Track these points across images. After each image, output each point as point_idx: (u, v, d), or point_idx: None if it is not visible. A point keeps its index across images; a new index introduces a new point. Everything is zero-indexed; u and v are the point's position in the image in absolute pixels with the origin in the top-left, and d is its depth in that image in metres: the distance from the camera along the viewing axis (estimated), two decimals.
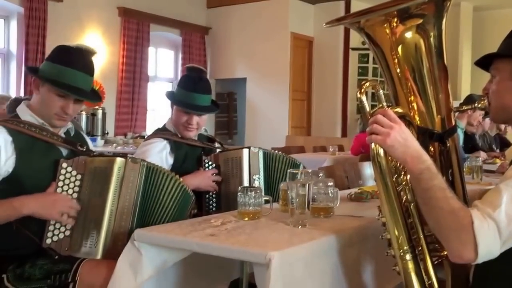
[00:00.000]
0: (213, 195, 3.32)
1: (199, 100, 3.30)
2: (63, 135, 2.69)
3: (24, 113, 2.63)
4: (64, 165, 2.52)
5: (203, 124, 3.44)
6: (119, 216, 2.52)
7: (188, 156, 3.33)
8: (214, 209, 3.29)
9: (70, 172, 2.52)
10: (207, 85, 3.43)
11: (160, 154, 3.21)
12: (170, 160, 3.26)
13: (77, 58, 2.63)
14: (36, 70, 2.68)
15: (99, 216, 2.49)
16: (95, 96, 2.84)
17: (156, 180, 2.66)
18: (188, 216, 2.78)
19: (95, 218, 2.49)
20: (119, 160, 2.55)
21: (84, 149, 2.65)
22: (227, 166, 3.32)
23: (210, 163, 3.34)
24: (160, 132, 3.39)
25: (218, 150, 3.45)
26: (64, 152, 2.62)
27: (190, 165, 3.30)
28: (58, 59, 2.62)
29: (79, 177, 2.52)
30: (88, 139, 2.96)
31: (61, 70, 2.57)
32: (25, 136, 2.51)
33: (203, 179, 3.23)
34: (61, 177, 2.51)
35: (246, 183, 3.26)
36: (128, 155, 2.66)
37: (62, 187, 2.50)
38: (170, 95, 3.41)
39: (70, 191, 2.51)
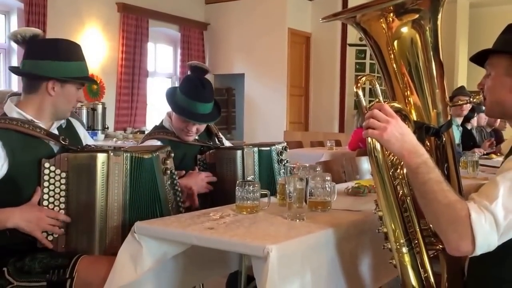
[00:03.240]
0: (209, 194, 3.26)
1: (201, 109, 3.22)
2: (56, 129, 2.66)
3: (10, 110, 2.58)
4: (47, 164, 2.46)
5: (203, 128, 3.40)
6: (111, 210, 2.49)
7: (186, 155, 3.29)
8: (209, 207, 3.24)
9: (54, 171, 2.47)
10: (210, 91, 3.31)
11: None
12: None
13: (74, 49, 2.66)
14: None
15: (90, 212, 2.45)
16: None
17: (142, 167, 2.63)
18: (163, 174, 2.75)
19: (86, 215, 2.46)
20: (101, 155, 2.48)
21: (67, 143, 2.58)
22: (221, 166, 3.28)
23: (204, 161, 3.32)
24: (157, 131, 3.35)
25: (216, 147, 3.43)
26: (55, 148, 2.58)
27: (189, 164, 3.28)
28: (58, 55, 2.58)
29: (63, 175, 2.47)
30: (81, 129, 2.92)
31: (67, 65, 2.58)
32: (14, 135, 2.47)
33: (196, 182, 3.16)
34: (46, 177, 2.46)
35: None
36: (110, 149, 2.58)
37: (48, 187, 2.46)
38: (171, 99, 3.30)
39: (57, 190, 2.47)
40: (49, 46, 2.64)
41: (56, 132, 2.65)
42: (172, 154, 2.81)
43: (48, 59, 2.57)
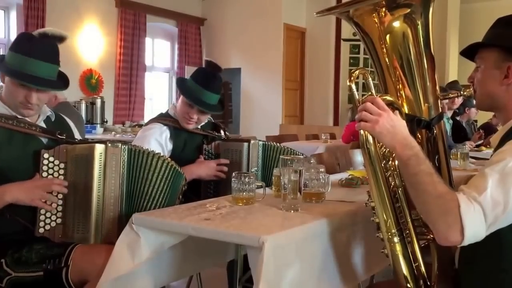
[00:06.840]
0: (212, 183, 3.32)
1: (208, 98, 3.28)
2: (42, 122, 2.67)
3: None
4: (46, 155, 2.49)
5: (204, 120, 3.44)
6: (107, 200, 2.52)
7: (187, 144, 3.34)
8: (212, 197, 3.27)
9: (53, 161, 2.49)
10: (219, 84, 3.39)
11: (159, 139, 3.22)
12: (170, 146, 3.27)
13: (38, 47, 2.54)
14: (1, 59, 2.61)
15: (87, 202, 2.48)
16: (60, 83, 2.68)
17: (140, 161, 2.64)
18: (180, 193, 2.78)
19: (83, 205, 2.48)
20: (99, 146, 2.51)
21: (64, 137, 2.60)
22: (227, 157, 3.31)
23: (210, 151, 3.35)
24: (162, 118, 3.38)
25: (220, 138, 3.46)
26: (45, 140, 2.59)
27: (190, 153, 3.31)
28: (19, 48, 2.54)
29: (62, 165, 2.50)
30: (71, 123, 2.90)
31: (22, 60, 2.50)
32: (1, 130, 2.48)
33: (207, 169, 3.23)
34: (44, 168, 2.48)
35: None
36: (108, 140, 2.60)
37: (46, 177, 2.48)
38: (182, 84, 3.39)
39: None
40: (19, 38, 2.64)
41: (43, 124, 2.66)
42: (186, 187, 2.86)
43: (11, 49, 2.57)
